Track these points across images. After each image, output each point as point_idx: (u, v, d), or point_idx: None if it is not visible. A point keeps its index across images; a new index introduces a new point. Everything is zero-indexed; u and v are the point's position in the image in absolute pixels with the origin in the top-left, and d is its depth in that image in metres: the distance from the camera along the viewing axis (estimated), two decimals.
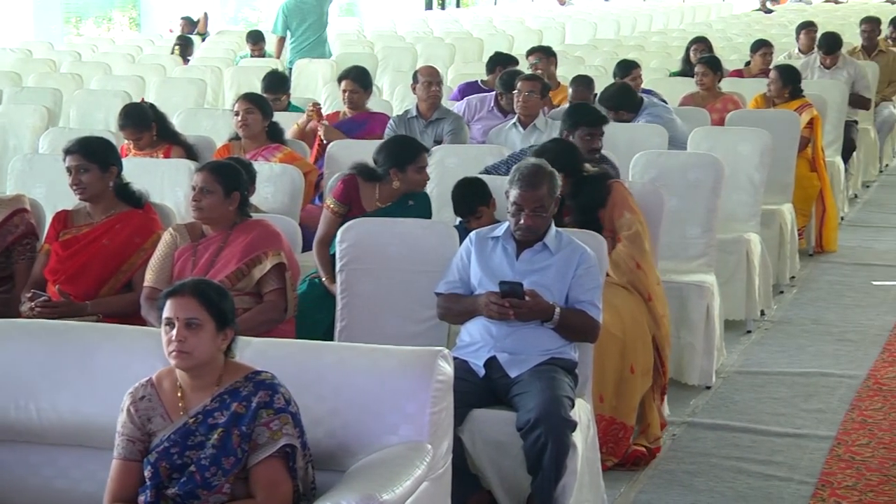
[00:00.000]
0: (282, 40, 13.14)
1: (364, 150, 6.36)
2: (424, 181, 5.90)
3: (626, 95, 8.00)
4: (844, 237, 9.43)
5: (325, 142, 7.59)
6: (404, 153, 5.84)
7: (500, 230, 4.90)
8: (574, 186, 5.54)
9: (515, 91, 7.68)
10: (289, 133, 7.61)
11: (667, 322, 5.59)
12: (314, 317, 5.45)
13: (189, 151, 6.88)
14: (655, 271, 5.62)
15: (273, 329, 4.88)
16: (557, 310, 4.69)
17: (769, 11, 22.56)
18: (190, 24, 17.41)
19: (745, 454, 5.51)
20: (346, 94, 8.08)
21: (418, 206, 5.88)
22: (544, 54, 9.65)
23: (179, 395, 3.55)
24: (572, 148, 5.79)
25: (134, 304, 5.10)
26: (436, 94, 7.91)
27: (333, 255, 5.60)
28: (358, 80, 8.12)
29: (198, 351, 3.49)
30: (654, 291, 5.54)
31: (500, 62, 9.54)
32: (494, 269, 4.81)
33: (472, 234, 4.95)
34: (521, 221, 4.78)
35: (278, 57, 13.10)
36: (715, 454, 5.51)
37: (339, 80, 8.27)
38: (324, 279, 5.70)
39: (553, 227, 4.87)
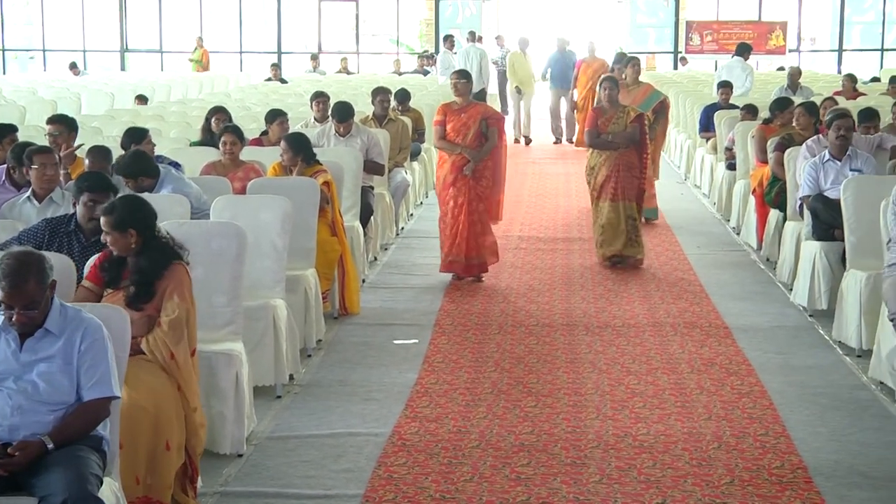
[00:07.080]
0: None
1: None
2: None
3: (143, 162, 7.84)
4: (366, 299, 9.73)
5: None
6: None
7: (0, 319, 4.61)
8: (143, 245, 5.50)
9: (35, 167, 7.35)
10: None
11: (197, 417, 5.55)
12: None
13: None
14: (189, 363, 5.55)
15: None
16: (50, 444, 4.41)
17: (284, 81, 23.07)
18: None
19: None
20: None
21: None
22: (66, 126, 9.30)
23: None
24: (145, 204, 5.68)
25: None
26: None
27: None
28: None
29: None
30: (186, 382, 5.49)
31: (2, 135, 9.16)
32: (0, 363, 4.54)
33: None
34: (14, 319, 4.52)
35: None
36: None
37: None
38: None
39: (56, 306, 4.61)
